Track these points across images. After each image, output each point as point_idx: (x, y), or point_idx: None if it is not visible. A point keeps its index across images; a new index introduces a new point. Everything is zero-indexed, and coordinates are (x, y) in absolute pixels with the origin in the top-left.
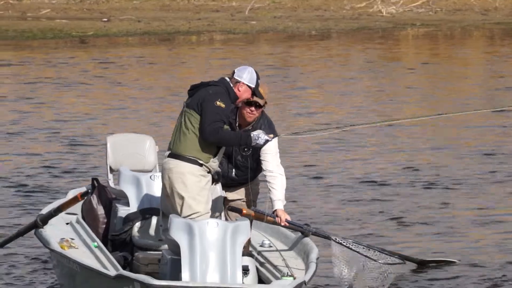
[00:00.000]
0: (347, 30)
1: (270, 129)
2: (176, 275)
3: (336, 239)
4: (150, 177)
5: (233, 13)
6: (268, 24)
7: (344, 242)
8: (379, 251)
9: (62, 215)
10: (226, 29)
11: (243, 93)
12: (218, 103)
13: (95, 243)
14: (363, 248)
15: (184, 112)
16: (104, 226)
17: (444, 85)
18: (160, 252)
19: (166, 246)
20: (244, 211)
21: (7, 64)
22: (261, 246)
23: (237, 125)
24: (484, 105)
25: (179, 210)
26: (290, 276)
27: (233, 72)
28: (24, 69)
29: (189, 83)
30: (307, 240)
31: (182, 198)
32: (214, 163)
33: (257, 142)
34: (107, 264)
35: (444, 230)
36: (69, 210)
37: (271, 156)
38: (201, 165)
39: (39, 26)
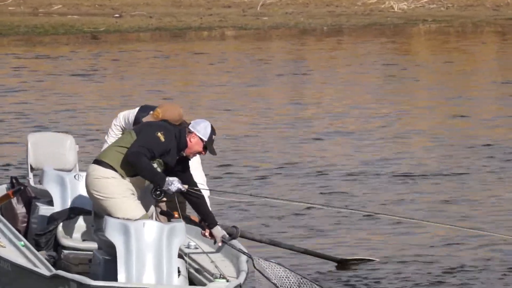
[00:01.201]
0: (358, 26)
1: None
2: (109, 276)
3: (259, 259)
4: (75, 176)
5: (245, 9)
6: (279, 20)
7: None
8: (301, 277)
9: None
10: (237, 25)
11: (194, 145)
12: (159, 134)
13: (22, 242)
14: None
15: (127, 131)
16: (24, 225)
17: (454, 82)
18: (90, 252)
19: (92, 246)
20: (176, 215)
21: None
22: (187, 248)
23: None
24: (494, 103)
25: (102, 209)
26: (222, 278)
27: (189, 123)
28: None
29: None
30: (235, 242)
31: (100, 200)
32: (133, 180)
33: (169, 187)
34: (38, 264)
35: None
36: None
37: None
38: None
39: (51, 21)
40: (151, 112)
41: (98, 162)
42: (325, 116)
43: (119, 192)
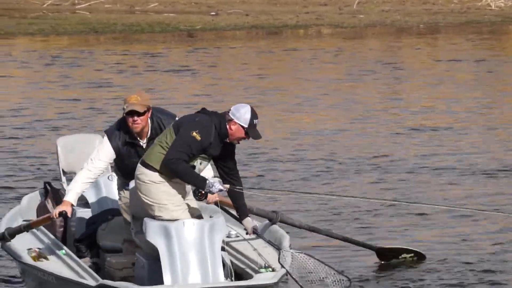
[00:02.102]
0: (455, 24)
1: (168, 118)
2: (155, 279)
3: (287, 251)
4: (108, 177)
5: (341, 7)
6: (376, 18)
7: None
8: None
9: (18, 220)
10: (333, 23)
11: (235, 132)
12: (194, 133)
13: (63, 251)
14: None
15: (167, 129)
16: (61, 230)
17: None
18: (133, 256)
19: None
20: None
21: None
22: (228, 237)
23: (137, 137)
24: None
25: (151, 213)
26: (268, 267)
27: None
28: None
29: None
30: (276, 227)
31: (148, 205)
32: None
33: (211, 190)
34: (82, 273)
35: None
36: (24, 216)
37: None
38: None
39: (147, 19)
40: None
41: (144, 164)
42: (417, 112)
43: (165, 197)
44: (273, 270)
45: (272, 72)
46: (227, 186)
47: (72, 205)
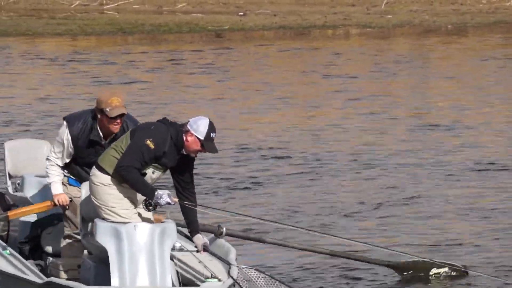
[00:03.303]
0: (483, 24)
1: (133, 125)
2: (101, 281)
3: (240, 267)
4: None
5: (369, 7)
6: (404, 18)
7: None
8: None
9: None
10: (362, 23)
11: (191, 144)
12: (148, 141)
13: (7, 251)
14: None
15: (125, 134)
16: (4, 233)
17: None
18: (79, 258)
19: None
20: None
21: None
22: (172, 249)
23: (102, 137)
24: None
25: (100, 216)
26: (214, 278)
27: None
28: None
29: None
30: (222, 241)
31: (97, 206)
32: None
33: (158, 201)
34: (27, 272)
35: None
36: None
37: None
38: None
39: (175, 20)
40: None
41: (97, 166)
42: (443, 109)
43: (112, 200)
44: (220, 280)
45: (297, 68)
46: (176, 199)
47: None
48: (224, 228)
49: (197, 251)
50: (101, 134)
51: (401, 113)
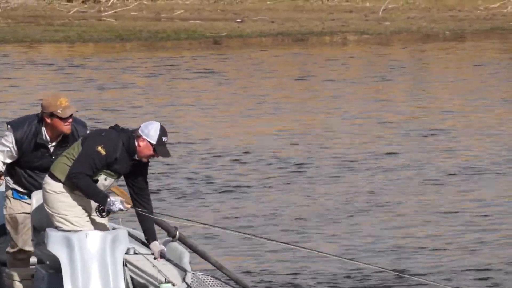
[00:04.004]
0: (481, 31)
1: (82, 128)
2: None
3: (195, 274)
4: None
5: (367, 14)
6: (401, 25)
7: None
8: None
9: None
10: (359, 29)
11: (143, 149)
12: (99, 148)
13: None
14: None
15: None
16: None
17: None
18: (32, 267)
19: (32, 260)
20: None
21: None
22: (126, 253)
23: (49, 140)
24: None
25: (53, 224)
26: (168, 282)
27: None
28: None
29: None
30: (175, 245)
31: (50, 214)
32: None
33: (111, 208)
34: None
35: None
36: None
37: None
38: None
39: (173, 27)
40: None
41: (50, 174)
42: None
43: (64, 208)
44: (174, 285)
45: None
46: (129, 206)
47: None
48: (178, 232)
49: (154, 258)
50: (47, 137)
51: (393, 118)
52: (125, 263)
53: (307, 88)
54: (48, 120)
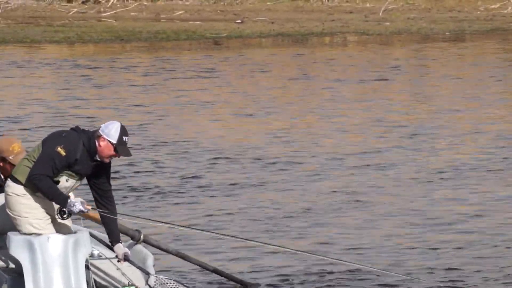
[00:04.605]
0: (480, 32)
1: None
2: None
3: (159, 277)
4: None
5: (367, 14)
6: (401, 26)
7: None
8: None
9: None
10: (359, 30)
11: (104, 149)
12: (59, 148)
13: None
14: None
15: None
16: None
17: None
18: None
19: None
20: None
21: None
22: (91, 257)
23: (3, 179)
24: None
25: (15, 227)
26: (132, 285)
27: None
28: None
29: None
30: (139, 247)
31: (12, 217)
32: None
33: (72, 209)
34: None
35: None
36: None
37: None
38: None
39: (173, 27)
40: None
41: (11, 177)
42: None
43: (25, 210)
44: None
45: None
46: (89, 207)
47: None
48: (142, 234)
49: (118, 261)
50: (1, 176)
51: (392, 118)
52: (88, 266)
53: (307, 88)
54: (0, 164)
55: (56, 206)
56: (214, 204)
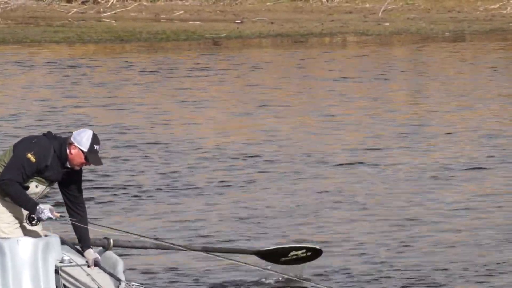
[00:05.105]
0: (480, 32)
1: None
2: None
3: (129, 283)
4: None
5: (366, 15)
6: (401, 26)
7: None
8: None
9: None
10: (359, 30)
11: (75, 156)
12: (29, 155)
13: None
14: None
15: (9, 148)
16: None
17: None
18: None
19: None
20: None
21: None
22: (61, 262)
23: None
24: None
25: None
26: None
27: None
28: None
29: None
30: (110, 253)
31: None
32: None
33: (40, 216)
34: None
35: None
36: None
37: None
38: None
39: (173, 27)
40: None
41: None
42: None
43: None
44: None
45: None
46: (58, 215)
47: None
48: (111, 240)
49: (88, 266)
50: None
51: (392, 118)
52: (58, 271)
53: (306, 88)
54: None
55: (26, 212)
56: (194, 205)
